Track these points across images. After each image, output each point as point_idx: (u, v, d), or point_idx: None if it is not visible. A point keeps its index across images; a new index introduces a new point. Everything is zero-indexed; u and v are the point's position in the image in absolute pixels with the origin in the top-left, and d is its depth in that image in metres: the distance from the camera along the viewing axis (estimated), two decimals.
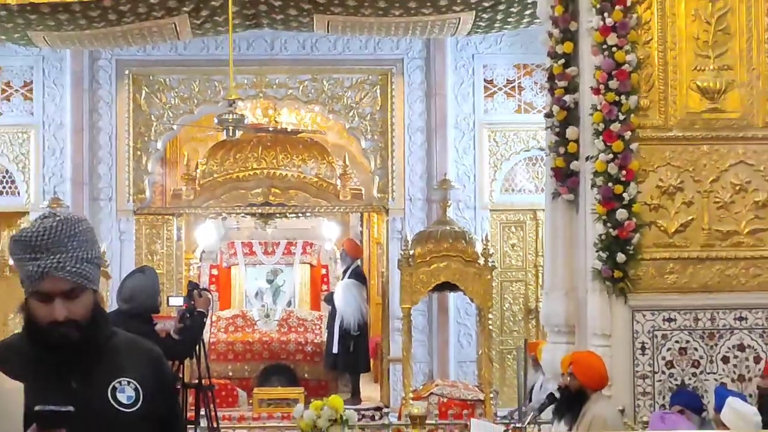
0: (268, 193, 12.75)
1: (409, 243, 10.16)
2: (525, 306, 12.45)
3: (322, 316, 13.13)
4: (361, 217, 15.81)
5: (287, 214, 13.16)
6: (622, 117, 6.68)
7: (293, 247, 14.01)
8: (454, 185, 11.49)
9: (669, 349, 6.80)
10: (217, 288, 13.73)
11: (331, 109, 12.47)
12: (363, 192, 13.18)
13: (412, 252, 10.00)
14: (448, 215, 10.81)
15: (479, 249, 10.04)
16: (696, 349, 6.81)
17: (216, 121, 10.19)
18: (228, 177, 12.87)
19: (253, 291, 13.76)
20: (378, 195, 12.46)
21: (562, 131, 7.04)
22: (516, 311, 12.46)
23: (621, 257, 6.66)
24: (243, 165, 12.87)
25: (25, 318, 2.53)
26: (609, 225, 6.67)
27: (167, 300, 8.34)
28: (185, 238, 13.79)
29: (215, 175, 12.92)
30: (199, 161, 13.42)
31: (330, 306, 12.55)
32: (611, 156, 6.67)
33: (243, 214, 13.32)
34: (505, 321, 12.43)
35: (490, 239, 10.51)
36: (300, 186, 12.86)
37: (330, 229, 14.52)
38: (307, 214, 13.31)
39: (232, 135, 10.02)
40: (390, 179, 12.32)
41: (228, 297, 13.86)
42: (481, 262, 9.97)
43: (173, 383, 2.82)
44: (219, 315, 13.10)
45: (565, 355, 6.53)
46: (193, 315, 7.04)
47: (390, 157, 12.32)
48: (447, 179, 11.48)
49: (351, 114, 12.43)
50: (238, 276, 13.95)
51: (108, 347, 2.57)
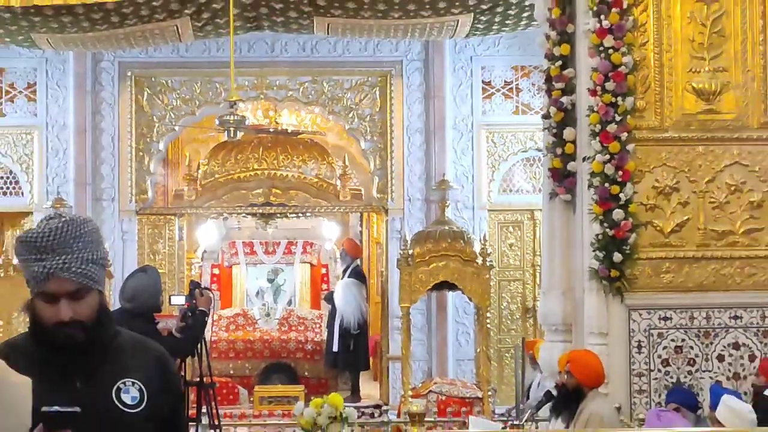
0: (268, 194, 12.75)
1: (408, 243, 10.15)
2: (523, 305, 12.44)
3: (322, 314, 13.14)
4: (361, 217, 15.81)
5: (288, 214, 13.17)
6: (618, 118, 6.68)
7: (294, 247, 14.02)
8: (452, 186, 11.48)
9: (665, 348, 6.80)
10: (219, 287, 13.74)
11: (331, 111, 12.47)
12: (362, 192, 13.18)
13: (411, 251, 9.98)
14: (446, 215, 10.78)
15: (477, 249, 10.02)
16: (691, 348, 6.82)
17: (217, 123, 10.19)
18: (229, 177, 12.87)
19: (254, 290, 13.77)
20: (377, 195, 12.46)
21: (559, 132, 7.03)
22: (514, 310, 12.45)
23: (617, 257, 6.66)
24: (244, 165, 12.88)
25: (31, 318, 2.51)
26: (606, 225, 6.67)
27: (169, 299, 8.35)
28: (187, 237, 13.78)
29: (216, 176, 12.93)
30: (201, 162, 13.42)
31: (330, 305, 12.56)
32: (608, 157, 6.67)
33: (244, 214, 13.33)
34: (503, 320, 12.43)
35: (488, 239, 10.49)
36: (300, 186, 12.86)
37: (330, 229, 14.53)
38: (308, 214, 13.32)
39: (233, 136, 10.02)
40: (389, 180, 12.31)
41: (229, 296, 13.87)
42: (480, 261, 9.95)
43: (178, 384, 2.78)
44: (220, 314, 13.11)
45: (563, 354, 6.54)
46: (195, 314, 7.05)
47: (389, 158, 12.32)
48: (445, 180, 11.47)
49: (351, 115, 12.42)
50: (239, 275, 13.96)
51: (113, 347, 2.55)
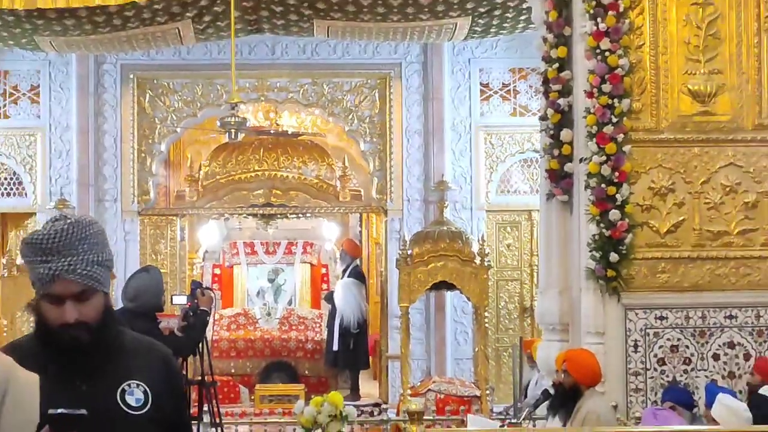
0: (269, 194, 12.75)
1: (407, 243, 10.15)
2: (520, 304, 12.45)
3: (322, 314, 13.13)
4: (360, 218, 15.81)
5: (288, 214, 13.17)
6: (615, 120, 6.68)
7: (294, 247, 14.02)
8: (450, 186, 11.50)
9: (661, 347, 6.80)
10: (220, 287, 13.73)
11: (331, 112, 12.47)
12: (362, 193, 13.18)
13: (410, 252, 9.99)
14: (445, 216, 10.79)
15: (475, 249, 10.03)
16: (687, 347, 6.82)
17: (218, 124, 10.19)
18: (230, 178, 12.87)
19: (255, 290, 13.77)
20: (377, 196, 12.47)
21: (556, 134, 7.03)
22: (511, 310, 12.46)
23: (614, 257, 6.66)
24: (245, 167, 12.88)
25: (36, 320, 2.49)
26: (602, 225, 6.67)
27: (171, 299, 8.36)
28: (188, 238, 13.79)
29: (218, 177, 12.92)
30: (202, 163, 13.42)
31: (330, 304, 12.56)
32: (604, 158, 6.67)
33: (245, 214, 13.32)
34: (501, 319, 12.43)
35: (486, 239, 10.49)
36: (300, 187, 12.86)
37: (330, 230, 14.53)
38: (308, 214, 13.32)
39: (234, 137, 10.02)
40: (388, 181, 12.32)
41: (230, 296, 13.87)
42: (478, 261, 9.95)
43: (182, 386, 2.77)
44: (221, 313, 13.11)
45: (560, 353, 6.53)
46: (197, 313, 7.05)
47: (388, 159, 12.33)
48: (444, 181, 11.49)
49: (350, 117, 12.43)
50: (240, 275, 13.96)
51: (118, 349, 2.52)
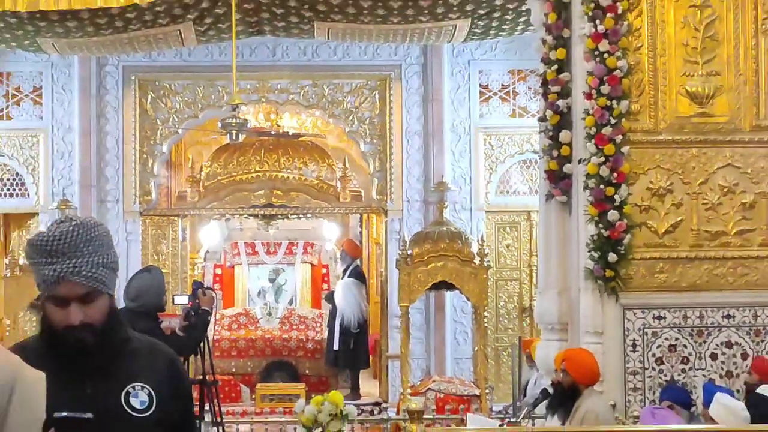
0: (270, 195, 12.74)
1: (407, 243, 10.15)
2: (519, 304, 12.44)
3: (322, 314, 13.13)
4: (361, 218, 15.80)
5: (289, 215, 13.16)
6: (613, 121, 6.68)
7: (295, 247, 14.01)
8: (450, 187, 11.50)
9: (659, 346, 6.80)
10: (221, 287, 13.73)
11: (332, 114, 12.46)
12: (362, 194, 13.16)
13: (410, 252, 9.98)
14: (444, 216, 10.79)
15: (475, 249, 10.03)
16: (685, 346, 6.81)
17: (220, 125, 10.18)
18: (231, 179, 12.86)
19: (256, 290, 13.76)
20: (377, 197, 12.45)
21: (555, 135, 7.03)
22: (510, 309, 12.45)
23: (612, 257, 6.65)
24: (246, 168, 12.87)
25: (41, 321, 2.48)
26: (601, 226, 6.67)
27: (173, 298, 8.35)
28: (190, 238, 13.77)
29: (219, 178, 12.91)
30: (204, 164, 13.41)
31: (330, 304, 12.55)
32: (603, 159, 6.67)
33: (246, 215, 13.31)
34: (500, 319, 12.42)
35: (485, 240, 10.49)
36: (301, 188, 12.85)
37: (330, 230, 14.52)
38: (308, 215, 13.31)
39: (235, 138, 10.02)
40: (388, 181, 12.31)
41: (231, 295, 13.86)
42: (477, 261, 9.95)
43: (188, 388, 2.72)
44: (223, 313, 13.10)
45: (559, 352, 6.53)
46: (198, 313, 7.04)
47: (388, 160, 12.31)
48: (444, 181, 11.48)
49: (350, 118, 12.42)
50: (241, 275, 13.95)
51: (124, 351, 2.50)
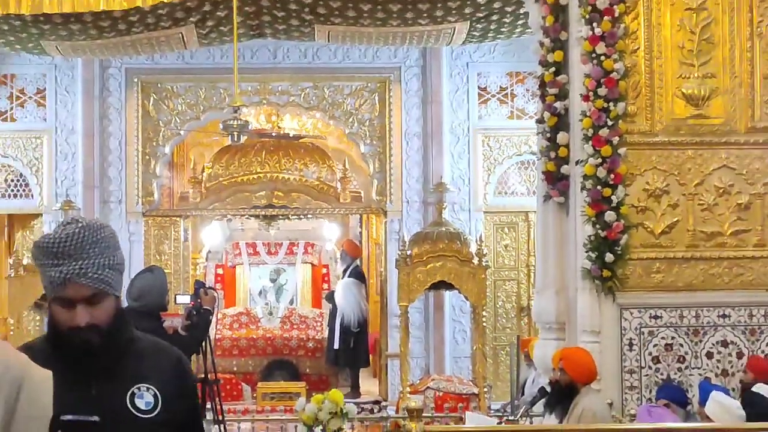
0: (271, 196, 12.74)
1: (407, 243, 10.15)
2: (517, 304, 12.44)
3: (323, 313, 13.13)
4: (361, 219, 15.80)
5: (289, 215, 13.16)
6: (610, 123, 6.68)
7: (295, 248, 14.01)
8: (449, 188, 11.50)
9: (655, 345, 6.80)
10: (223, 286, 13.73)
11: (332, 115, 12.47)
12: (362, 194, 13.17)
13: (409, 252, 9.99)
14: (443, 217, 10.79)
15: (473, 249, 10.03)
16: (681, 345, 6.82)
17: (221, 127, 10.18)
18: (233, 180, 12.86)
19: (257, 289, 13.76)
20: (376, 197, 12.46)
21: (553, 136, 7.03)
22: (509, 309, 12.45)
23: (609, 257, 6.66)
24: (247, 169, 12.87)
25: (48, 322, 2.47)
26: (598, 226, 6.67)
27: (175, 298, 8.35)
28: (192, 238, 13.77)
29: (221, 179, 12.92)
30: (206, 165, 13.41)
31: (331, 304, 12.55)
32: (600, 160, 6.68)
33: (247, 215, 13.32)
34: (499, 318, 12.42)
35: (483, 240, 10.51)
36: (302, 189, 12.85)
37: (330, 230, 14.53)
38: (309, 215, 13.32)
39: (236, 140, 10.01)
40: (388, 182, 12.32)
41: (233, 295, 13.86)
42: (476, 261, 9.95)
43: (195, 388, 2.69)
44: (224, 312, 13.11)
45: (556, 351, 6.53)
46: (200, 312, 7.04)
47: (388, 161, 12.32)
48: (443, 182, 11.48)
49: (350, 120, 12.42)
50: (242, 275, 13.95)
51: (130, 352, 2.48)
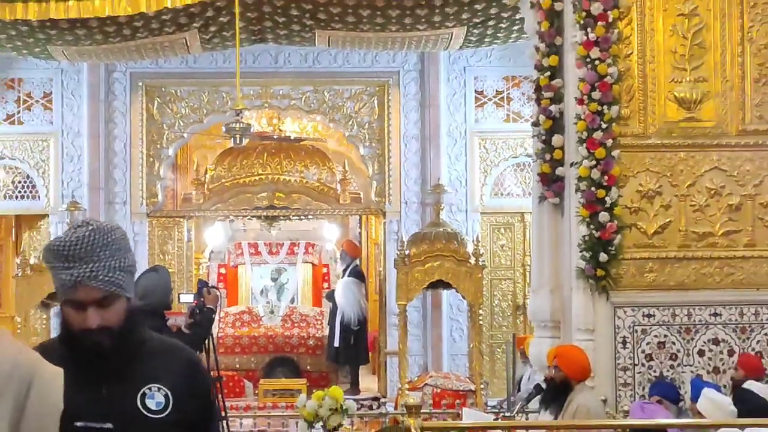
0: (272, 197, 12.73)
1: (405, 244, 10.16)
2: (513, 302, 12.43)
3: (323, 312, 13.11)
4: (360, 220, 15.80)
5: (290, 216, 13.15)
6: (604, 126, 6.68)
7: (296, 248, 13.99)
8: (446, 190, 11.50)
9: (648, 343, 6.80)
10: (225, 286, 13.71)
11: (332, 119, 12.46)
12: (361, 196, 13.16)
13: (407, 252, 9.99)
14: (441, 218, 10.80)
15: (470, 249, 10.04)
16: (673, 343, 6.82)
17: (224, 130, 10.16)
18: (235, 182, 12.85)
19: (259, 288, 13.74)
20: (375, 199, 12.46)
21: (548, 139, 7.04)
22: (505, 307, 12.44)
23: (603, 257, 6.66)
24: (249, 171, 12.86)
25: (61, 324, 2.45)
26: (592, 227, 6.67)
27: (178, 297, 8.31)
28: (195, 239, 13.77)
29: (223, 180, 12.91)
30: (208, 167, 13.40)
31: (331, 302, 12.54)
32: (594, 162, 6.68)
33: (249, 216, 13.30)
34: (495, 317, 12.42)
35: (480, 240, 10.51)
36: (302, 190, 12.85)
37: (330, 231, 14.52)
38: (309, 216, 13.30)
39: (239, 143, 10.01)
40: (387, 184, 12.31)
41: (235, 294, 13.84)
42: (472, 261, 9.96)
43: (207, 388, 2.61)
44: (227, 311, 13.09)
45: (551, 349, 6.53)
46: (203, 311, 7.04)
47: (387, 163, 12.32)
48: (440, 184, 11.48)
49: (350, 123, 12.42)
50: (244, 274, 13.93)
51: (141, 353, 2.45)
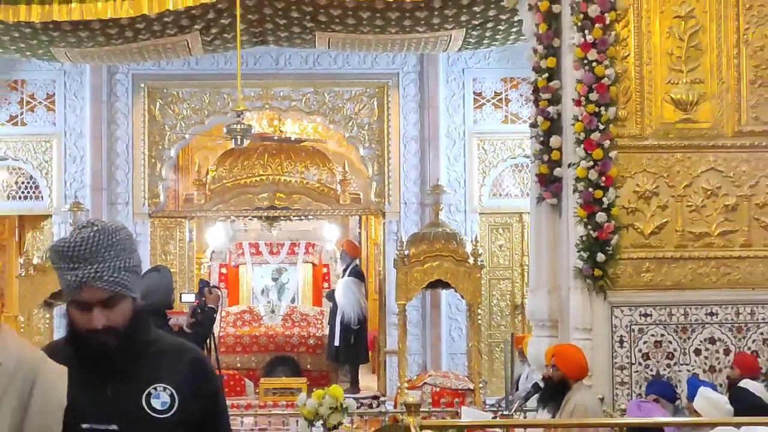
0: (273, 198, 12.74)
1: (404, 244, 10.15)
2: (511, 302, 12.43)
3: (323, 311, 13.11)
4: (360, 220, 15.80)
5: (291, 217, 13.15)
6: (601, 127, 6.69)
7: (296, 248, 13.99)
8: (445, 190, 11.50)
9: (645, 342, 6.80)
10: (226, 285, 13.70)
11: (332, 120, 12.46)
12: (361, 196, 13.16)
13: (406, 252, 9.99)
14: (440, 218, 10.80)
15: (469, 249, 10.03)
16: (670, 342, 6.82)
17: (225, 131, 10.16)
18: (236, 183, 12.85)
19: (260, 288, 13.74)
20: (375, 199, 12.46)
21: (546, 140, 7.04)
22: (503, 307, 12.45)
23: (601, 257, 6.66)
24: (250, 171, 12.86)
25: (67, 325, 2.44)
26: (589, 227, 6.68)
27: (180, 296, 8.34)
28: (196, 239, 13.77)
29: (224, 181, 12.91)
30: (210, 168, 13.40)
31: (331, 302, 12.54)
32: (591, 163, 6.68)
33: (250, 217, 13.30)
34: (493, 316, 12.42)
35: (479, 240, 10.51)
36: (303, 191, 12.84)
37: (331, 231, 14.51)
38: (310, 217, 13.30)
39: (240, 144, 10.00)
40: (386, 184, 12.31)
41: (236, 294, 13.84)
42: (471, 261, 9.96)
43: (214, 388, 2.57)
44: (228, 310, 13.09)
45: (549, 348, 6.53)
46: (204, 310, 7.04)
47: (386, 164, 12.32)
48: (439, 185, 11.48)
49: (350, 124, 12.42)
50: (245, 274, 13.93)
51: (146, 353, 2.44)
